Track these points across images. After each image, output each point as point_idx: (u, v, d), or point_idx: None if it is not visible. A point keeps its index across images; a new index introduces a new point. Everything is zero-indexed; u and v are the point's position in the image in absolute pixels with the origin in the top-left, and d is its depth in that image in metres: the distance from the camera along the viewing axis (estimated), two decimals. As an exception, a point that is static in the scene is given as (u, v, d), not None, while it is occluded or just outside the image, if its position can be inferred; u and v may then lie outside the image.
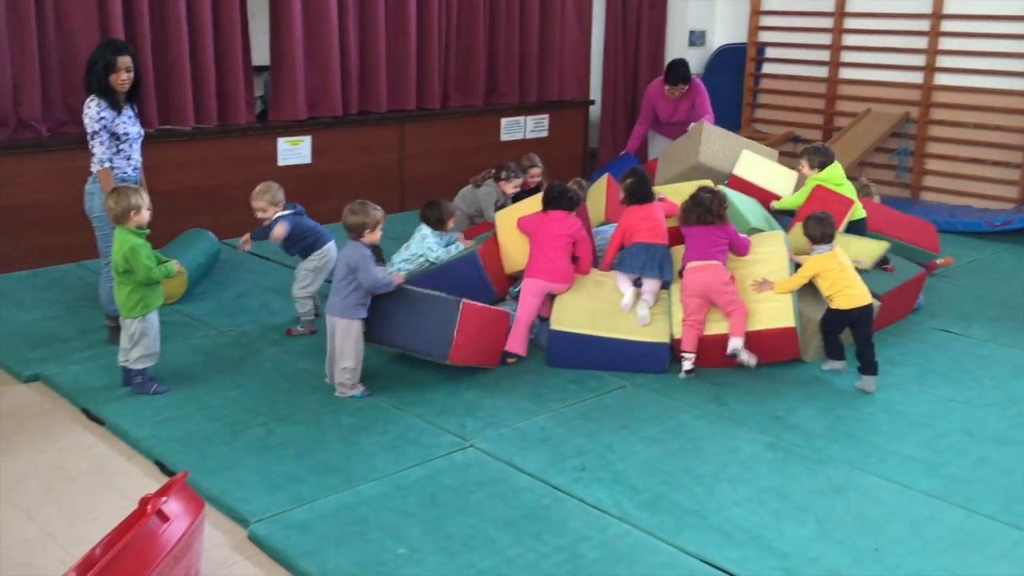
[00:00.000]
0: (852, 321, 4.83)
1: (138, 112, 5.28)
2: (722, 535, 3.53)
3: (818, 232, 4.90)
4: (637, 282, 5.10)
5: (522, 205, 5.54)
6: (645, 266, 5.01)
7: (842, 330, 4.91)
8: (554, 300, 5.10)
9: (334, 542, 3.43)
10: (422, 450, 4.11)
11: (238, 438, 4.19)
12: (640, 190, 5.23)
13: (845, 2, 9.52)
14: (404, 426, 4.33)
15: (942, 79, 9.02)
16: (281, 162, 7.55)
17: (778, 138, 9.72)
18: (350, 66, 7.98)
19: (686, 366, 4.89)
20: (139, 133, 5.19)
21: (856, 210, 5.81)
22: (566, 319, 4.99)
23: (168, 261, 4.59)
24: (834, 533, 3.56)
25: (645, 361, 4.95)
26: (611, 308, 5.03)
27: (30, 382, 4.83)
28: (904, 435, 4.36)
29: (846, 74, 9.67)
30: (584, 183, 6.37)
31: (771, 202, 6.03)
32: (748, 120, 10.36)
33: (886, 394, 4.78)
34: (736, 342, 4.82)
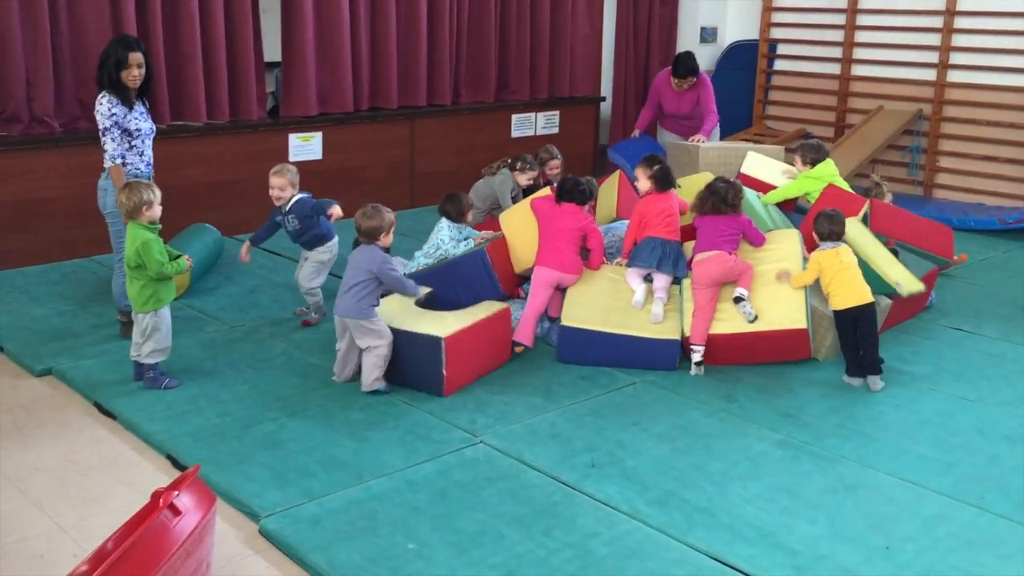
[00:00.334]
0: (854, 320, 4.80)
1: (150, 108, 5.28)
2: (732, 532, 3.52)
3: (826, 229, 4.93)
4: (647, 278, 5.11)
5: (524, 205, 5.53)
6: (661, 261, 5.04)
7: (852, 332, 4.86)
8: (565, 297, 5.10)
9: (344, 537, 3.43)
10: (432, 446, 4.12)
11: (249, 433, 4.21)
12: (667, 178, 5.25)
13: (858, -2, 9.51)
14: (414, 421, 4.34)
15: (955, 76, 8.98)
16: (292, 158, 7.54)
17: (790, 135, 9.68)
18: (361, 62, 7.98)
19: (695, 358, 4.89)
20: (151, 129, 5.20)
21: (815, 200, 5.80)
22: (577, 315, 4.99)
23: (180, 256, 4.61)
24: (844, 531, 3.55)
25: (656, 358, 4.95)
26: (622, 305, 5.03)
27: (43, 376, 4.85)
28: (915, 433, 4.35)
29: (858, 71, 9.63)
30: (594, 182, 6.35)
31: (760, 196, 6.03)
32: (759, 117, 10.33)
33: (897, 392, 4.76)
34: (742, 291, 4.91)
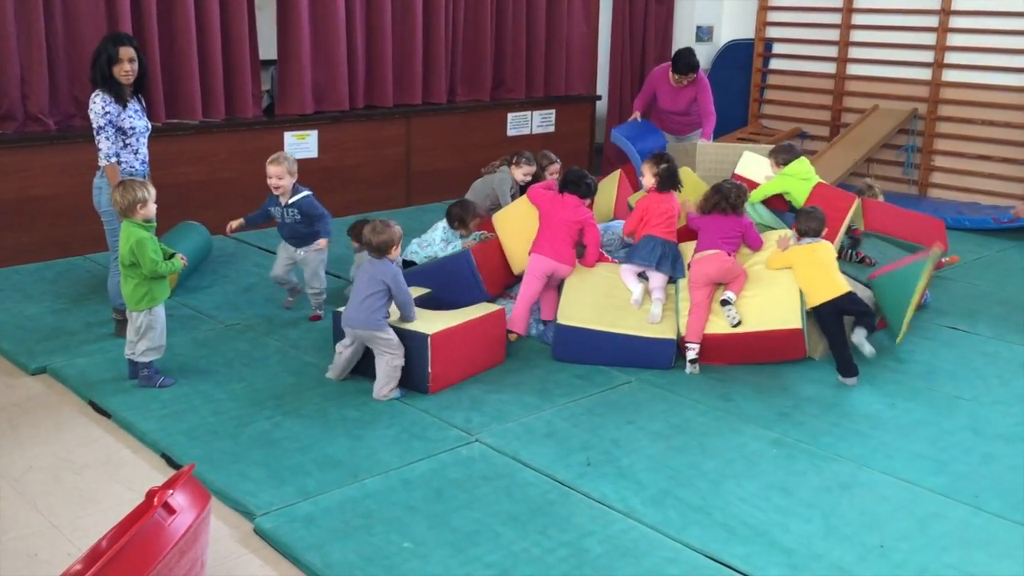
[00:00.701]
0: (838, 314, 4.85)
1: (145, 106, 5.26)
2: (727, 531, 3.53)
3: (803, 225, 5.08)
4: (641, 276, 5.12)
5: (517, 205, 5.53)
6: (661, 260, 5.07)
7: (839, 328, 4.88)
8: (561, 295, 5.10)
9: (339, 536, 3.43)
10: (428, 444, 4.12)
11: (244, 431, 4.20)
12: (671, 179, 5.26)
13: (853, -3, 9.52)
14: (409, 420, 4.34)
15: (950, 75, 9.01)
16: (288, 156, 7.54)
17: (785, 134, 9.70)
18: (357, 60, 7.98)
19: (690, 356, 4.90)
20: (146, 127, 5.17)
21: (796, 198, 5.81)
22: (573, 314, 5.00)
23: (175, 255, 4.60)
24: (840, 530, 3.55)
25: (651, 357, 4.95)
26: (618, 303, 5.04)
27: (37, 374, 4.84)
28: (910, 432, 4.36)
29: (854, 70, 9.65)
30: (594, 181, 6.33)
31: None
32: (755, 116, 10.34)
33: (892, 391, 4.77)
34: (731, 295, 4.95)
